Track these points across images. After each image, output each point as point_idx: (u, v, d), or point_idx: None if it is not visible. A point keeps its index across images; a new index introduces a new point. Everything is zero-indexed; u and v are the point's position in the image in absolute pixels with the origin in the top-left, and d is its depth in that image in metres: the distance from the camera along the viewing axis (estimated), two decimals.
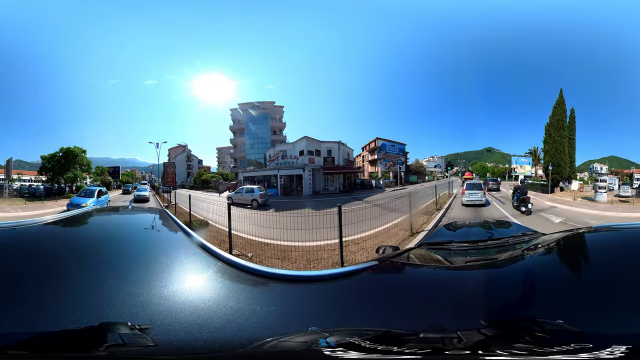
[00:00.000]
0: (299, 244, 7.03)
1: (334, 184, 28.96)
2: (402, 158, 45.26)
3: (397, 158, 44.09)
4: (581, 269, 1.14)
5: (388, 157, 42.45)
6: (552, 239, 1.55)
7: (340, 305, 1.01)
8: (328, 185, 28.34)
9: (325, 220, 6.84)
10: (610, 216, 13.52)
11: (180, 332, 0.75)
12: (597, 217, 12.91)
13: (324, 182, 27.91)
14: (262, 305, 0.91)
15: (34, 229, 1.47)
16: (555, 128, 29.19)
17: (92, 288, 0.91)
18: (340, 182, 29.70)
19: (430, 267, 1.46)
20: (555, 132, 29.08)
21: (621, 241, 1.41)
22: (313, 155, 27.46)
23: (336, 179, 29.42)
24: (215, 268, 1.12)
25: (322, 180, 27.45)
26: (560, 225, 10.92)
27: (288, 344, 0.77)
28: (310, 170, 25.83)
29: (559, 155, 28.83)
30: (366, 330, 0.80)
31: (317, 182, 26.67)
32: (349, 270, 1.19)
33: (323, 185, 27.47)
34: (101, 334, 0.69)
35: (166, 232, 1.73)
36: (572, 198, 21.09)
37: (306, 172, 25.41)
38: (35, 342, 0.69)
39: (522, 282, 1.08)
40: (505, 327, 0.81)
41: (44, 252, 1.25)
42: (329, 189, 27.84)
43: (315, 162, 27.38)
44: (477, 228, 2.66)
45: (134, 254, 1.28)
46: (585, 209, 15.33)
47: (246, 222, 8.26)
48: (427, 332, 0.77)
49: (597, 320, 0.79)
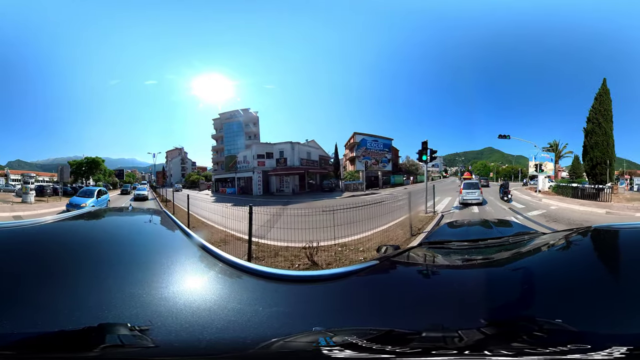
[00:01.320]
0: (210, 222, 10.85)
1: (289, 185, 28.78)
2: (388, 155, 39.60)
3: (381, 155, 38.70)
4: (581, 269, 1.14)
5: (369, 154, 37.42)
6: (552, 239, 1.55)
7: (342, 305, 1.01)
8: (283, 187, 28.64)
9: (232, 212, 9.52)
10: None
11: (182, 333, 0.75)
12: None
13: (279, 183, 28.51)
14: (264, 306, 0.90)
15: (34, 229, 1.47)
16: (605, 118, 23.67)
17: (92, 289, 0.91)
18: (296, 183, 29.13)
19: (431, 267, 1.46)
20: (605, 122, 23.62)
21: (621, 241, 1.41)
22: (264, 158, 28.88)
23: (291, 180, 29.09)
24: (216, 269, 1.12)
25: (275, 181, 28.16)
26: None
27: (293, 344, 0.77)
28: (260, 172, 27.77)
29: (610, 150, 23.33)
30: (370, 330, 0.80)
31: (273, 183, 27.85)
32: (350, 270, 1.19)
33: (278, 186, 28.20)
34: (100, 335, 0.69)
35: (166, 232, 1.73)
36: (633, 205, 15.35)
37: (255, 175, 28.18)
38: (33, 342, 0.69)
39: (521, 282, 1.09)
40: (505, 326, 0.81)
41: (43, 253, 1.25)
42: (284, 190, 28.19)
43: (265, 164, 28.88)
44: (478, 227, 2.66)
45: (133, 254, 1.28)
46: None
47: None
48: (429, 331, 0.78)
49: (596, 320, 0.79)
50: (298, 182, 28.71)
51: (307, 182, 29.63)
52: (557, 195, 21.89)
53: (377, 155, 38.34)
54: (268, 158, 28.97)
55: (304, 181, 29.61)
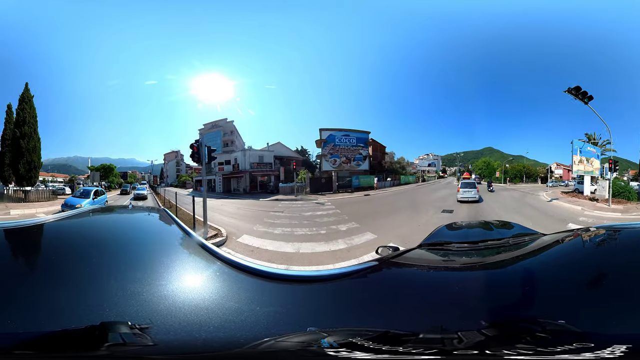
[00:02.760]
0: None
1: (241, 186, 35.00)
2: (363, 151, 33.89)
3: (354, 152, 33.45)
4: (582, 270, 1.14)
5: (338, 152, 32.95)
6: (552, 240, 1.55)
7: (339, 306, 1.01)
8: (239, 186, 35.43)
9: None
10: None
11: (180, 332, 0.75)
12: None
13: (236, 184, 35.88)
14: (261, 305, 0.91)
15: (34, 228, 1.47)
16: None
17: (93, 287, 0.91)
18: (247, 184, 34.79)
19: (431, 268, 1.46)
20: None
21: (621, 241, 1.41)
22: (223, 164, 36.29)
23: (242, 181, 34.95)
24: (215, 267, 1.12)
25: (233, 182, 36.15)
26: None
27: (286, 343, 0.77)
28: (220, 176, 36.87)
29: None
30: (365, 331, 0.80)
31: (232, 184, 36.54)
32: (349, 270, 1.19)
33: (235, 186, 36.04)
34: (102, 334, 0.69)
35: (166, 231, 1.73)
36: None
37: (217, 177, 37.17)
38: (35, 341, 0.69)
39: (522, 283, 1.08)
40: (506, 327, 0.81)
41: (44, 252, 1.25)
42: (239, 189, 35.29)
43: (224, 169, 36.51)
44: (478, 228, 2.65)
45: (133, 253, 1.28)
46: None
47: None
48: (427, 332, 0.77)
49: (598, 320, 0.79)
50: (249, 182, 34.59)
51: (258, 182, 34.80)
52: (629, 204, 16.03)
53: (348, 152, 33.44)
54: (227, 164, 36.63)
55: (255, 182, 34.97)
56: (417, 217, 13.31)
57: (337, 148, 33.45)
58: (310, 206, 18.57)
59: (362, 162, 33.92)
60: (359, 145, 34.01)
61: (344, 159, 33.25)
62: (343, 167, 32.87)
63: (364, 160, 34.21)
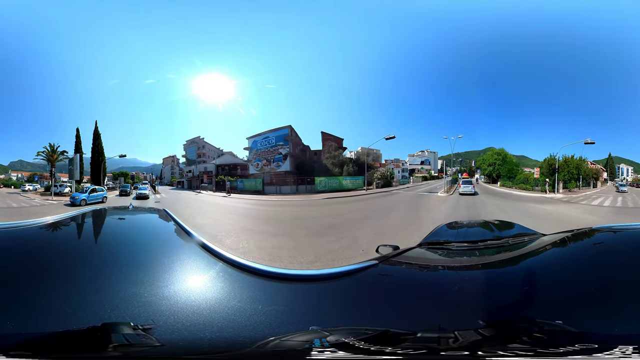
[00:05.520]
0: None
1: (208, 183, 42.17)
2: (283, 149, 31.66)
3: (274, 153, 32.28)
4: (581, 270, 1.15)
5: (259, 156, 33.46)
6: (552, 240, 1.55)
7: (340, 305, 1.01)
8: (207, 184, 43.47)
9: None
10: None
11: (184, 332, 0.75)
12: None
13: (207, 182, 43.62)
14: (263, 304, 0.91)
15: (36, 229, 1.48)
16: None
17: (94, 288, 0.91)
18: (212, 182, 42.65)
19: (430, 267, 1.46)
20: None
21: (621, 242, 1.42)
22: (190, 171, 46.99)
23: (207, 180, 42.73)
24: (217, 268, 1.12)
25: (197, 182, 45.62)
26: None
27: (289, 343, 0.78)
28: (189, 179, 47.48)
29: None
30: (365, 330, 0.81)
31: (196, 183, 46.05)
32: (349, 269, 1.19)
33: (206, 184, 44.22)
34: (104, 335, 0.69)
35: (167, 231, 1.73)
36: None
37: (185, 179, 48.30)
38: (37, 343, 0.69)
39: (521, 283, 1.09)
40: (503, 327, 0.81)
41: (46, 253, 1.25)
42: (207, 186, 42.62)
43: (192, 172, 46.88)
44: (478, 228, 2.64)
45: (135, 254, 1.28)
46: None
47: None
48: (425, 331, 0.78)
49: (596, 321, 0.79)
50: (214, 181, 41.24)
51: (219, 181, 40.05)
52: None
53: (267, 154, 33.05)
54: (195, 167, 46.91)
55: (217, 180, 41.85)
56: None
57: (259, 152, 34.22)
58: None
59: (281, 162, 32.11)
60: (278, 144, 32.70)
61: (264, 161, 33.21)
62: (264, 169, 32.90)
63: (284, 159, 32.10)
